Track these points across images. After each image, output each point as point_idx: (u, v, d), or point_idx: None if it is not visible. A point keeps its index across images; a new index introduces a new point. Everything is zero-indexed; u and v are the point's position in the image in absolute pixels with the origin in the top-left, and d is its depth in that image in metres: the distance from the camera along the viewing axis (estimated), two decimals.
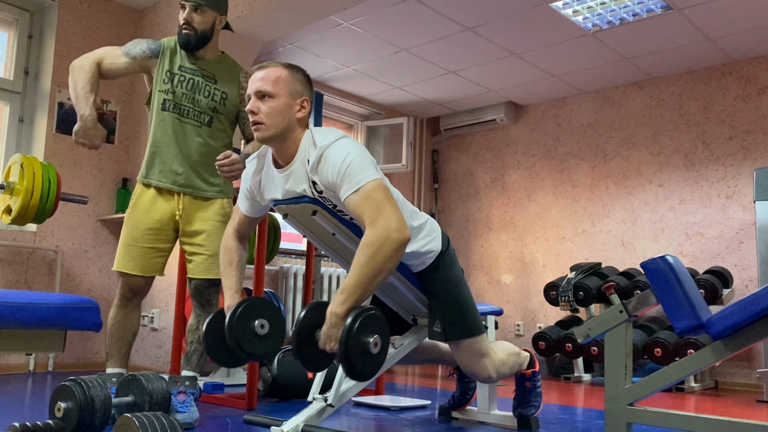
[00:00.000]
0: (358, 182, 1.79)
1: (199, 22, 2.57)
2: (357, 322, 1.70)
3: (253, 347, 1.90)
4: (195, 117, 2.60)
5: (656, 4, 4.05)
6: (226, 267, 2.12)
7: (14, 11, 4.23)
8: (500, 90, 5.62)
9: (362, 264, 1.73)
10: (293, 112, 1.92)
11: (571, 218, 5.57)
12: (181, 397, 2.43)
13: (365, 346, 1.72)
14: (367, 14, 4.27)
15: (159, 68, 2.65)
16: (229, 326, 1.88)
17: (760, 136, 4.70)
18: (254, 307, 1.93)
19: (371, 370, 1.78)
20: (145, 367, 4.07)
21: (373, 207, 1.77)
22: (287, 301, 4.90)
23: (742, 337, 1.79)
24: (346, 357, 1.69)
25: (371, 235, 1.74)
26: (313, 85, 2.02)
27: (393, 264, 1.75)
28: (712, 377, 4.61)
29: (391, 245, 1.73)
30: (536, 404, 2.54)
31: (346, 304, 1.73)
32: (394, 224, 1.74)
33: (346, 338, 1.68)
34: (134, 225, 2.60)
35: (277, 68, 1.93)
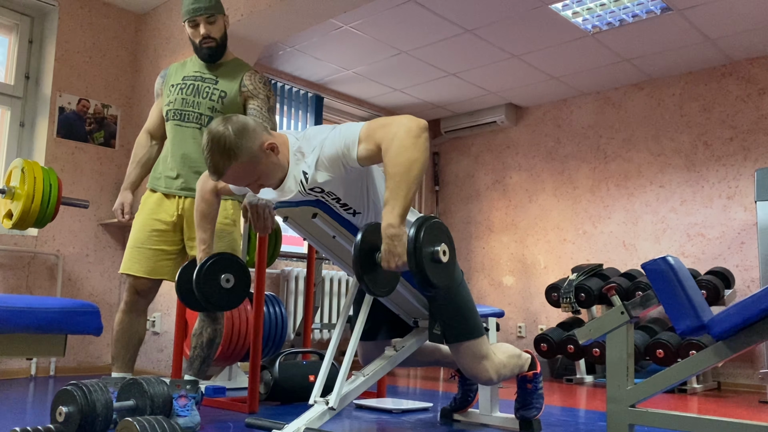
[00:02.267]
0: (355, 136, 1.79)
1: (216, 31, 2.60)
2: (422, 231, 1.66)
3: (219, 299, 2.12)
4: (195, 119, 2.60)
5: (656, 5, 4.05)
6: (201, 219, 2.23)
7: (15, 16, 4.24)
8: (500, 92, 5.62)
9: (391, 164, 1.70)
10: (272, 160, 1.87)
11: (572, 220, 5.56)
12: (183, 401, 2.43)
13: (435, 256, 1.69)
14: (367, 17, 4.27)
15: (166, 88, 2.69)
16: (197, 279, 2.08)
17: (760, 136, 4.70)
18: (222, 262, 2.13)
19: (445, 279, 1.73)
20: (147, 371, 4.07)
21: (379, 131, 1.77)
22: (288, 305, 4.90)
23: (744, 338, 1.79)
24: (419, 269, 1.64)
25: (387, 139, 1.72)
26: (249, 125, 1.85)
27: (420, 150, 1.71)
28: (714, 378, 4.60)
29: (409, 133, 1.71)
30: (538, 406, 2.54)
31: (396, 209, 1.69)
32: (404, 119, 1.75)
33: (414, 249, 1.63)
34: (140, 227, 2.62)
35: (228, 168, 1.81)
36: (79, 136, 4.31)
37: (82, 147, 4.32)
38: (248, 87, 2.61)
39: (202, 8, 2.55)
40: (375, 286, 1.77)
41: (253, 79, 2.62)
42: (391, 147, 1.71)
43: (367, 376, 2.12)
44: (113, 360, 2.60)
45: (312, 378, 3.19)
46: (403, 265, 1.68)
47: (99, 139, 4.41)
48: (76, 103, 4.30)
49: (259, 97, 2.60)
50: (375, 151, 1.77)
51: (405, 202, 1.69)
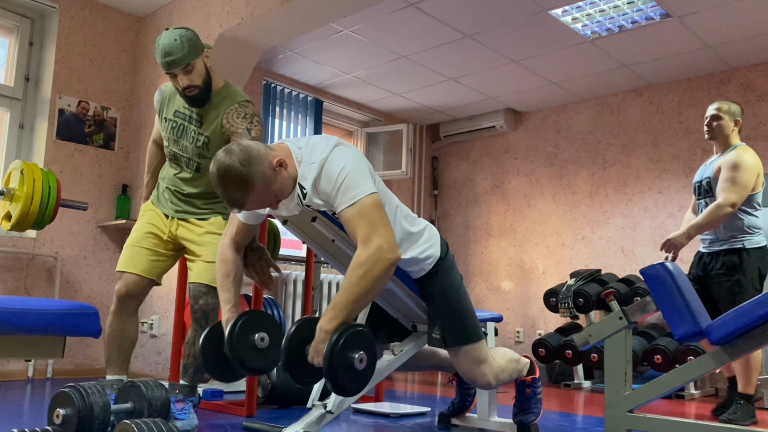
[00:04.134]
0: (353, 197, 1.80)
1: (196, 77, 2.49)
2: (342, 338, 1.70)
3: (254, 361, 1.88)
4: (185, 164, 2.59)
5: (655, 12, 4.06)
6: (223, 279, 2.08)
7: (15, 18, 4.25)
8: (500, 97, 5.63)
9: (353, 283, 1.75)
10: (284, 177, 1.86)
11: (571, 225, 5.57)
12: (180, 404, 2.43)
13: (350, 362, 1.72)
14: (367, 21, 4.28)
15: (161, 115, 2.66)
16: (230, 340, 1.86)
17: (759, 142, 4.71)
18: (254, 320, 1.91)
19: (356, 386, 1.78)
20: (145, 374, 4.07)
21: (366, 225, 1.78)
22: (287, 308, 4.89)
23: (742, 344, 1.79)
24: (330, 372, 1.69)
25: (363, 255, 1.76)
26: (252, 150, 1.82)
27: (382, 284, 1.79)
28: (712, 384, 4.60)
29: (382, 266, 1.76)
30: (536, 411, 2.54)
31: (335, 321, 1.74)
32: (386, 245, 1.77)
33: (330, 354, 1.68)
34: (137, 228, 2.65)
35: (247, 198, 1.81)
36: (79, 138, 4.31)
37: (82, 149, 4.32)
38: (227, 128, 2.53)
39: (177, 60, 2.43)
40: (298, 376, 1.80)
41: (230, 118, 2.53)
42: (363, 265, 1.75)
43: None
44: (107, 363, 2.59)
45: None
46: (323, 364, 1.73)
47: (98, 142, 4.41)
48: (76, 105, 4.30)
49: (238, 132, 2.51)
50: (351, 231, 1.81)
51: (348, 315, 1.76)
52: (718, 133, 3.33)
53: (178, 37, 2.44)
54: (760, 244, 3.17)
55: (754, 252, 3.14)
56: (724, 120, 3.32)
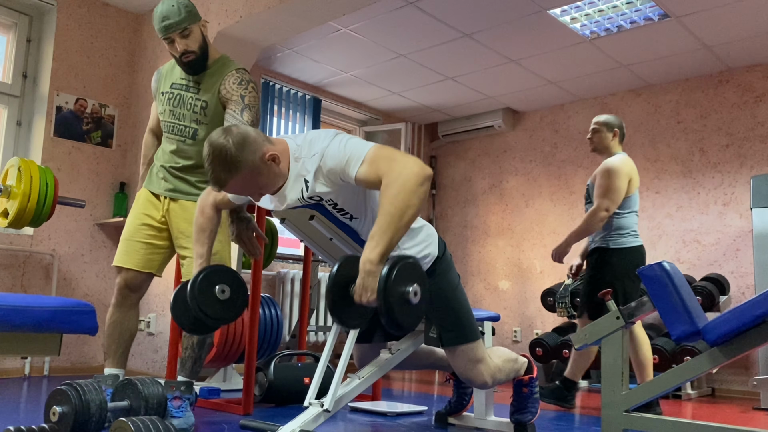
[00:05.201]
0: (360, 155, 1.79)
1: (193, 43, 2.52)
2: (394, 271, 1.64)
3: (214, 310, 2.01)
4: (179, 132, 2.58)
5: (653, 12, 4.07)
6: (199, 233, 2.19)
7: (13, 15, 4.24)
8: (498, 96, 5.63)
9: (388, 202, 1.68)
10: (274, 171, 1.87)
11: (569, 224, 5.57)
12: (177, 402, 2.43)
13: (405, 296, 1.67)
14: (366, 20, 4.28)
15: (158, 93, 2.67)
16: (191, 290, 1.98)
17: (756, 143, 4.72)
18: (216, 274, 2.04)
19: (412, 320, 1.72)
20: (142, 372, 4.06)
21: (384, 161, 1.75)
22: (284, 307, 4.89)
23: (739, 344, 1.79)
24: (386, 307, 1.63)
25: (391, 176, 1.70)
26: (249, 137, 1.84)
27: (419, 199, 1.70)
28: (708, 384, 4.61)
29: (414, 179, 1.70)
30: (533, 410, 2.54)
31: (378, 248, 1.68)
32: (411, 162, 1.73)
33: (384, 288, 1.62)
34: (131, 221, 2.62)
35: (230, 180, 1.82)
36: (76, 135, 4.31)
37: (79, 146, 4.31)
38: (224, 94, 2.55)
39: (174, 24, 2.45)
40: (346, 318, 1.77)
41: (227, 84, 2.55)
42: (392, 184, 1.69)
43: (362, 378, 2.12)
44: (105, 355, 2.59)
45: (307, 380, 3.19)
46: (374, 301, 1.68)
47: (96, 139, 4.40)
48: (74, 103, 4.30)
49: (233, 99, 2.53)
50: (373, 179, 1.76)
51: (390, 243, 1.69)
52: (598, 144, 3.57)
53: (176, 3, 2.47)
54: (627, 245, 3.37)
55: (618, 252, 3.35)
56: (602, 132, 3.55)
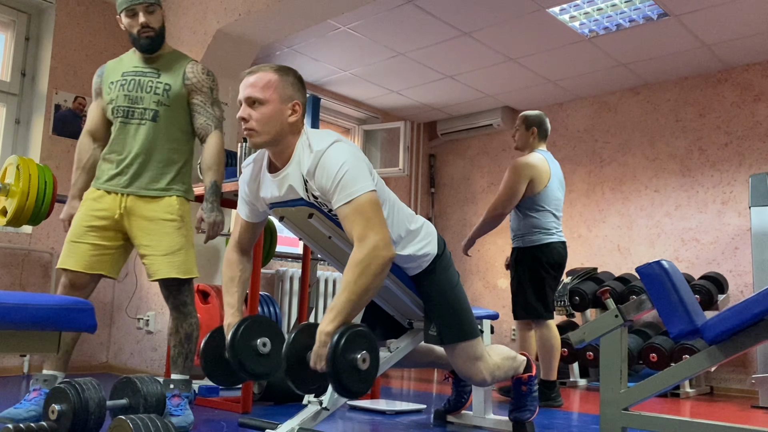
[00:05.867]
0: (350, 194, 1.80)
1: (155, 21, 2.55)
2: (343, 339, 1.69)
3: (256, 366, 1.89)
4: (139, 115, 2.52)
5: (652, 11, 4.07)
6: (228, 282, 2.08)
7: (11, 13, 4.23)
8: (497, 95, 5.63)
9: (351, 282, 1.75)
10: (285, 117, 1.90)
11: (567, 223, 5.57)
12: (176, 400, 2.42)
13: (353, 363, 1.72)
14: (365, 18, 4.28)
15: (105, 85, 2.60)
16: (231, 345, 1.86)
17: (755, 142, 4.72)
18: (256, 326, 1.92)
19: (362, 386, 1.77)
20: (140, 370, 4.06)
21: (362, 222, 1.79)
22: (283, 305, 4.89)
23: (737, 342, 1.80)
24: (335, 375, 1.69)
25: (359, 254, 1.77)
26: (305, 87, 2.00)
27: (380, 281, 1.79)
28: (707, 383, 4.62)
29: (378, 263, 1.76)
30: (532, 408, 2.54)
31: (335, 322, 1.73)
32: (381, 243, 1.78)
33: (333, 356, 1.68)
34: (77, 222, 2.51)
35: (267, 73, 1.91)
36: (75, 133, 4.29)
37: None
38: (191, 80, 2.55)
39: None
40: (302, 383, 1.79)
41: (195, 71, 2.57)
42: (359, 263, 1.75)
43: None
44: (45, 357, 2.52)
45: None
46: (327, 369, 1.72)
47: None
48: (72, 101, 4.29)
49: (203, 91, 2.56)
50: (347, 230, 1.82)
51: (348, 317, 1.75)
52: (518, 141, 3.72)
53: None
54: (540, 242, 3.53)
55: (532, 250, 3.53)
56: (521, 130, 3.70)
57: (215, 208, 2.49)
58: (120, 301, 4.34)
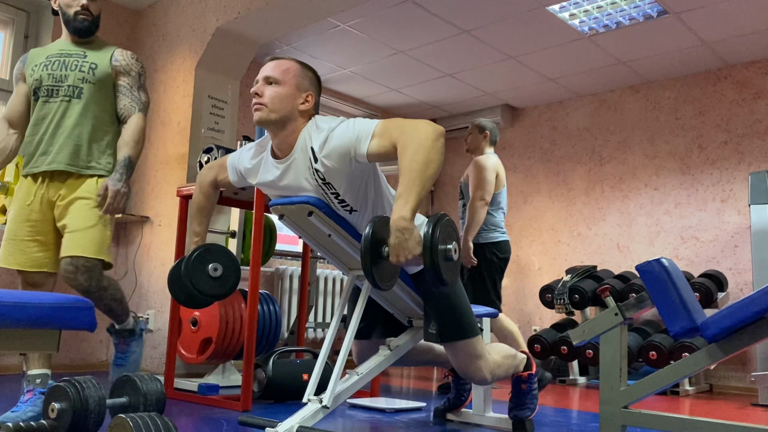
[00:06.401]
0: (370, 129, 1.83)
1: (95, 8, 2.56)
2: (438, 229, 1.70)
3: (207, 287, 2.09)
4: (63, 92, 2.49)
5: (652, 9, 4.06)
6: (197, 212, 2.23)
7: (10, 11, 4.22)
8: (497, 93, 5.63)
9: (409, 160, 1.72)
10: (297, 102, 1.94)
11: (567, 221, 5.58)
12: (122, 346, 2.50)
13: (447, 253, 1.72)
14: (365, 16, 4.27)
15: (28, 69, 2.57)
16: (185, 267, 2.06)
17: (755, 140, 4.72)
18: (209, 252, 2.11)
19: (453, 276, 1.78)
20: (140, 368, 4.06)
21: (396, 130, 1.80)
22: (283, 303, 4.89)
23: (737, 340, 1.80)
24: (434, 265, 1.68)
25: (405, 138, 1.75)
26: (321, 87, 2.05)
27: (437, 153, 1.74)
28: (706, 380, 4.62)
29: (429, 135, 1.75)
30: (532, 407, 2.54)
31: (409, 204, 1.70)
32: (422, 123, 1.79)
33: (431, 246, 1.67)
34: (13, 218, 2.47)
35: (290, 61, 1.98)
36: None
37: None
38: (120, 62, 2.54)
39: None
40: (381, 279, 1.79)
41: (124, 55, 2.57)
42: (409, 145, 1.74)
43: (360, 374, 2.12)
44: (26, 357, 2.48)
45: (306, 376, 3.19)
46: (412, 259, 1.68)
47: None
48: None
49: (131, 75, 2.56)
50: (388, 148, 1.80)
51: (418, 198, 1.71)
52: (471, 144, 3.96)
53: None
54: (495, 240, 3.76)
55: (487, 246, 3.73)
56: (474, 133, 3.95)
57: (123, 180, 2.40)
58: None
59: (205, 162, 3.55)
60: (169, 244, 3.99)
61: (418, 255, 1.68)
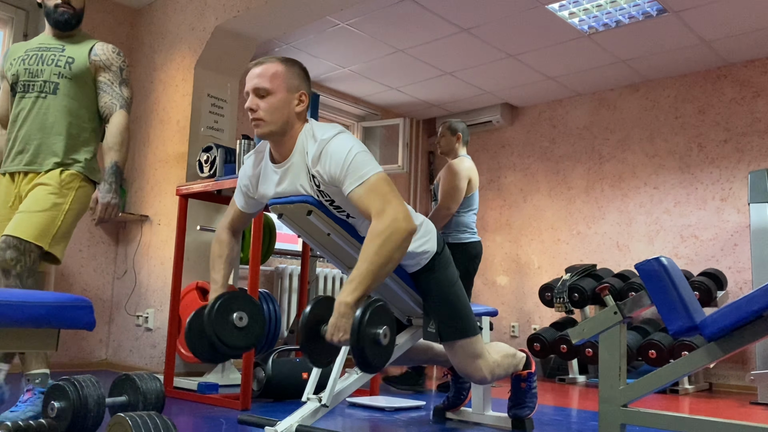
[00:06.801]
0: (362, 176, 1.80)
1: (77, 2, 2.50)
2: (367, 313, 1.69)
3: (232, 338, 1.92)
4: (39, 88, 2.42)
5: (652, 7, 4.06)
6: (216, 259, 2.12)
7: (10, 9, 4.22)
8: (496, 91, 5.63)
9: (372, 252, 1.73)
10: (292, 106, 1.92)
11: (567, 220, 5.58)
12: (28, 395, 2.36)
13: (375, 337, 1.72)
14: (364, 15, 4.27)
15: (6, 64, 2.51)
16: (208, 317, 1.90)
17: (754, 138, 4.72)
18: (233, 301, 1.96)
19: (382, 360, 1.77)
20: (139, 367, 4.06)
21: (379, 198, 1.78)
22: (282, 302, 4.89)
23: (736, 339, 1.80)
24: (358, 347, 1.68)
25: (380, 225, 1.75)
26: (310, 78, 2.02)
27: (401, 254, 1.77)
28: (706, 379, 4.62)
29: (400, 234, 1.75)
30: (531, 405, 2.55)
31: (356, 293, 1.72)
32: (401, 215, 1.77)
33: (358, 329, 1.67)
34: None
35: (274, 63, 1.92)
36: None
37: None
38: (99, 56, 2.46)
39: None
40: (315, 356, 1.80)
41: (105, 49, 2.48)
42: (380, 234, 1.74)
43: (360, 373, 2.12)
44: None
45: (305, 375, 3.19)
46: (345, 341, 1.72)
47: None
48: None
49: (111, 69, 2.46)
50: (363, 209, 1.80)
51: (368, 289, 1.74)
52: (444, 147, 3.95)
53: None
54: (465, 240, 3.74)
55: (457, 247, 3.68)
56: (447, 136, 3.93)
57: (112, 189, 2.36)
58: (119, 298, 4.34)
59: (204, 161, 3.55)
60: (169, 242, 3.99)
61: None
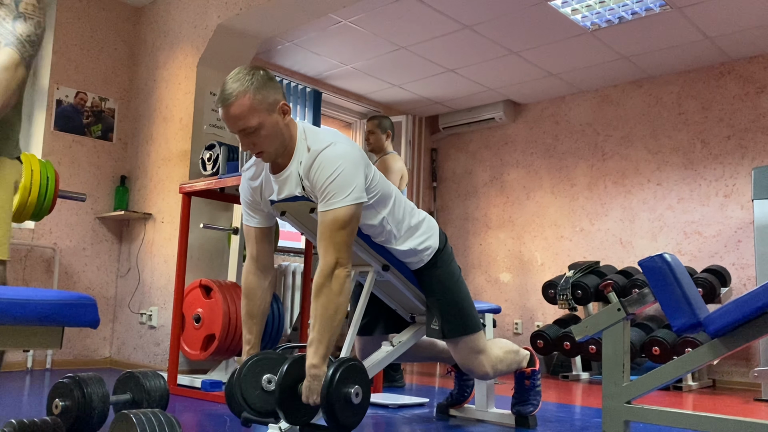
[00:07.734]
0: (332, 203, 1.82)
1: None
2: (337, 375, 1.72)
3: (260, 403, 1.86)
4: None
5: (655, 3, 4.05)
6: (246, 318, 2.04)
7: None
8: (499, 88, 5.62)
9: (319, 313, 1.79)
10: (281, 124, 1.90)
11: (570, 217, 5.57)
12: None
13: (347, 397, 1.74)
14: (366, 12, 4.26)
15: None
16: (237, 379, 1.86)
17: (758, 135, 4.71)
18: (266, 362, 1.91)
19: (355, 420, 1.79)
20: (143, 365, 4.07)
21: (328, 237, 1.82)
22: (285, 300, 4.90)
23: (740, 335, 1.79)
24: (329, 409, 1.71)
25: (319, 278, 1.81)
26: (275, 79, 1.93)
27: (345, 299, 1.81)
28: (709, 376, 4.62)
29: (337, 284, 1.80)
30: (535, 402, 2.55)
31: (319, 353, 1.77)
32: (336, 263, 1.81)
33: (327, 391, 1.70)
34: None
35: (241, 97, 1.82)
36: (77, 129, 4.30)
37: (80, 140, 4.31)
38: None
39: None
40: (292, 415, 1.80)
41: None
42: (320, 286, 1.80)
43: None
44: None
45: None
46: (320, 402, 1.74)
47: (96, 133, 4.40)
48: (74, 96, 4.29)
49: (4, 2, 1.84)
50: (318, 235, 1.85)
51: (329, 344, 1.79)
52: (374, 144, 4.01)
53: None
54: None
55: None
56: (377, 134, 3.99)
57: None
58: (122, 296, 4.35)
59: (207, 158, 3.55)
60: (172, 240, 4.00)
61: None
